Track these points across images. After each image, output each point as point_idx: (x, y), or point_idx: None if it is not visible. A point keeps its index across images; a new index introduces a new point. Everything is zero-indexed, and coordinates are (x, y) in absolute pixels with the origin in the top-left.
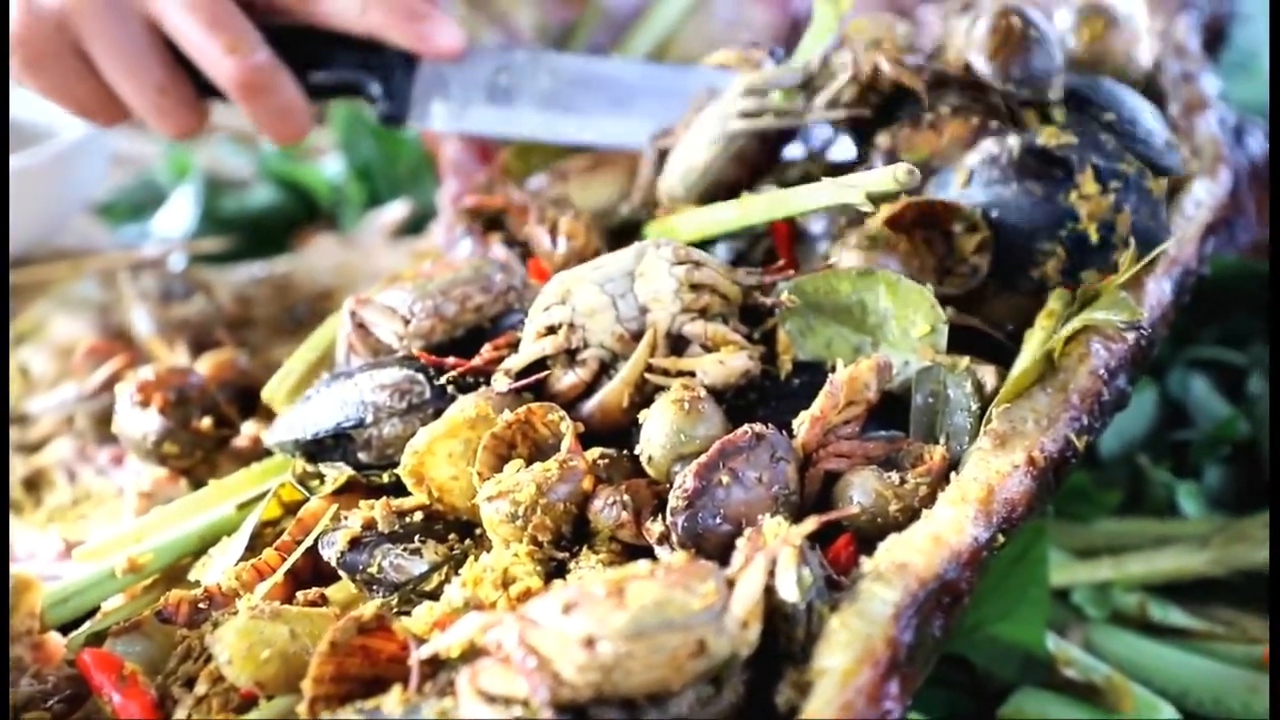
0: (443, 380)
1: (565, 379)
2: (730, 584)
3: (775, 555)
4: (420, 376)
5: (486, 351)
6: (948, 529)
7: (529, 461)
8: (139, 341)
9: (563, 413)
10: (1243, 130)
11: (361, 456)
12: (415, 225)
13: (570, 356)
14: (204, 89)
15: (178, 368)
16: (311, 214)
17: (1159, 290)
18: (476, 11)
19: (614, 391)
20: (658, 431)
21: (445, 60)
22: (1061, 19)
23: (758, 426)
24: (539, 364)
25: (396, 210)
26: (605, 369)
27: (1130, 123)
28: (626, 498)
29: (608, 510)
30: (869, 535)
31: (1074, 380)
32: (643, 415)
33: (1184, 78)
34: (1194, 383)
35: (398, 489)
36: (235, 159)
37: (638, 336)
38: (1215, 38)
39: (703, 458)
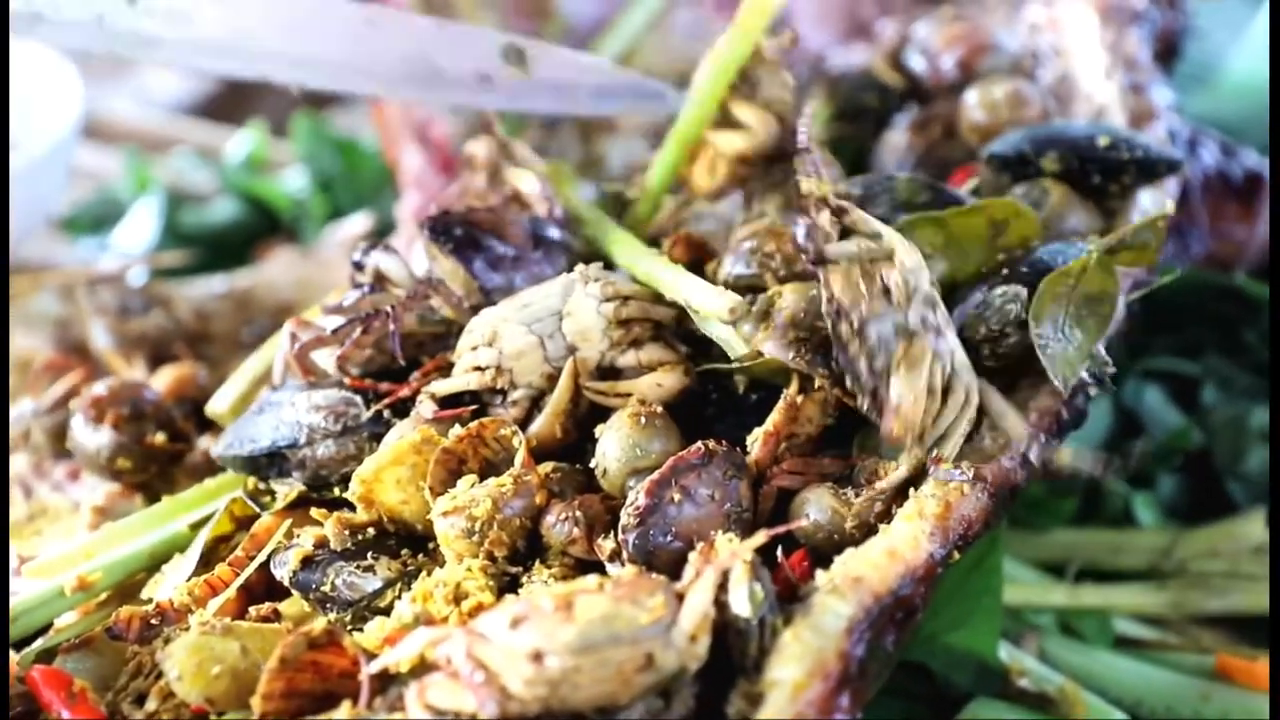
0: (379, 405)
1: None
2: (679, 598)
3: (725, 569)
4: (357, 399)
5: (417, 378)
6: (904, 544)
7: (481, 476)
8: (97, 356)
9: (514, 427)
10: (1196, 142)
11: (296, 475)
12: (377, 238)
13: (502, 395)
14: None
15: (131, 382)
16: (273, 227)
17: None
18: None
19: (544, 425)
20: (613, 446)
21: None
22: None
23: (711, 443)
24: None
25: (357, 223)
26: (536, 403)
27: (1132, 136)
28: (579, 514)
29: (560, 526)
30: (825, 551)
31: (1034, 399)
32: (599, 430)
33: (1133, 89)
34: (1148, 393)
35: (350, 501)
36: (197, 173)
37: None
38: (1167, 50)
39: (655, 475)
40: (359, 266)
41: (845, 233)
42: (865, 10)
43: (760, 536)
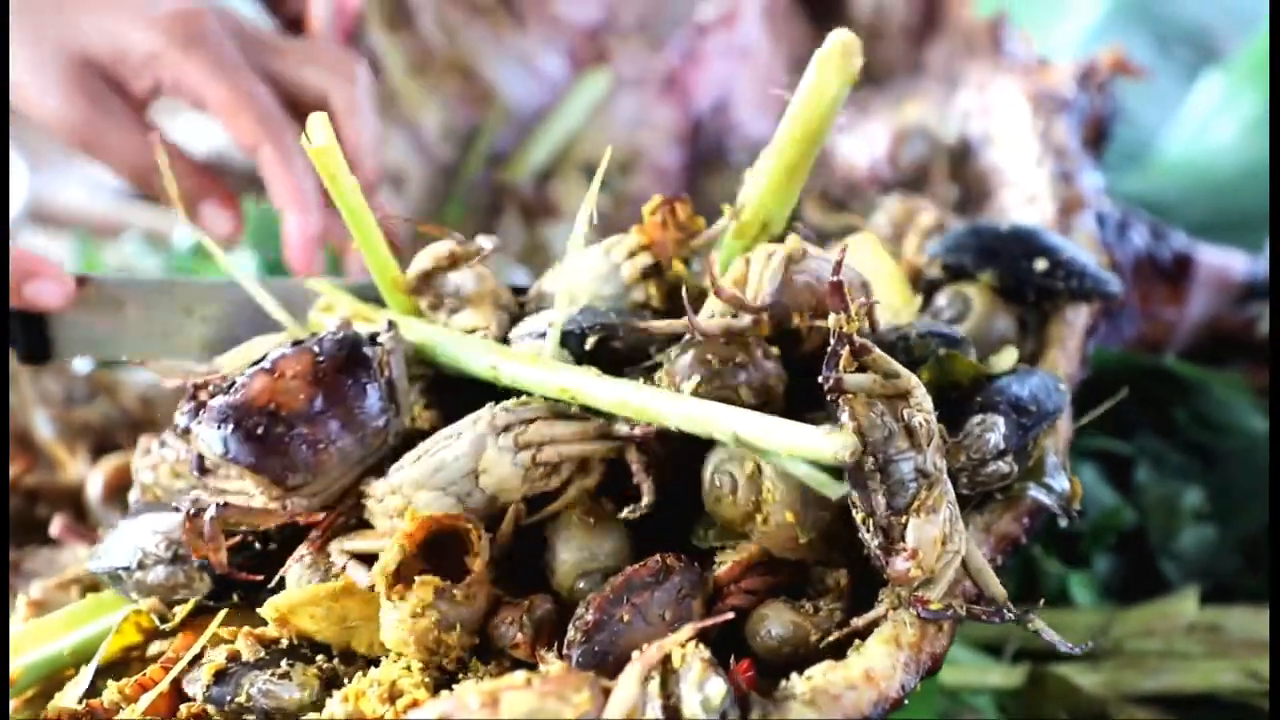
0: (282, 571)
1: None
2: (606, 693)
3: (653, 662)
4: None
5: (317, 536)
6: (881, 670)
7: (437, 572)
8: (40, 445)
9: (481, 529)
10: (1126, 225)
11: (134, 595)
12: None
13: None
14: None
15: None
16: None
17: (1064, 420)
18: (382, 114)
19: (478, 576)
20: (562, 549)
21: (58, 309)
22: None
23: (669, 558)
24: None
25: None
26: None
27: (1071, 260)
28: (526, 619)
29: (505, 630)
30: (789, 664)
31: (996, 524)
32: (548, 528)
33: (1063, 177)
34: (1082, 473)
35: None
36: (146, 258)
37: (500, 512)
38: (1097, 135)
39: (607, 590)
40: (185, 432)
41: (861, 369)
42: None
43: (688, 630)
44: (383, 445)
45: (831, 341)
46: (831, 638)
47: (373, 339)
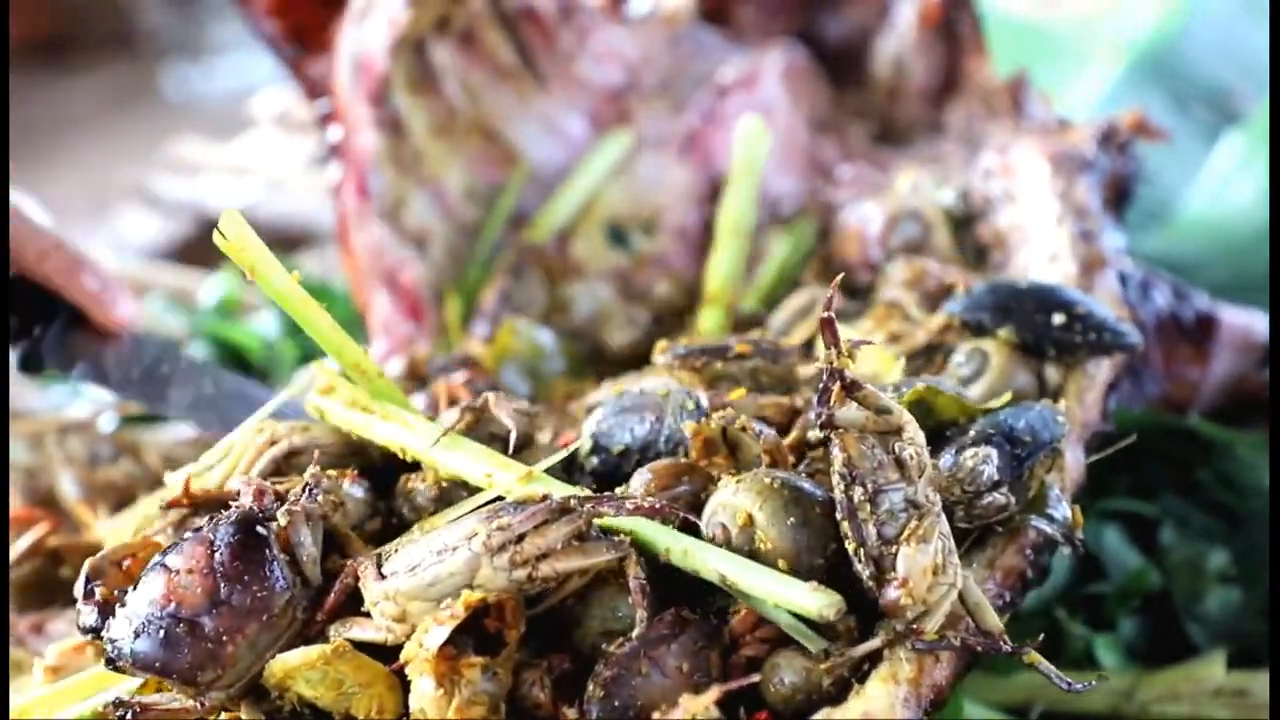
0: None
1: None
2: None
3: None
4: None
5: (323, 615)
6: (880, 708)
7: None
8: (65, 506)
9: (518, 601)
10: (1148, 285)
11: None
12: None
13: None
14: None
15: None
16: (245, 371)
17: (1075, 458)
18: (405, 174)
19: (512, 649)
20: (589, 607)
21: (116, 327)
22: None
23: (685, 612)
24: None
25: (327, 368)
26: None
27: (1089, 314)
28: (548, 680)
29: (529, 690)
30: (802, 711)
31: (1000, 558)
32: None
33: (1084, 236)
34: (1107, 534)
35: None
36: (170, 318)
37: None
38: (1118, 195)
39: (625, 646)
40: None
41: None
42: (826, 154)
43: (714, 692)
44: (292, 621)
45: (823, 378)
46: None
47: (280, 498)
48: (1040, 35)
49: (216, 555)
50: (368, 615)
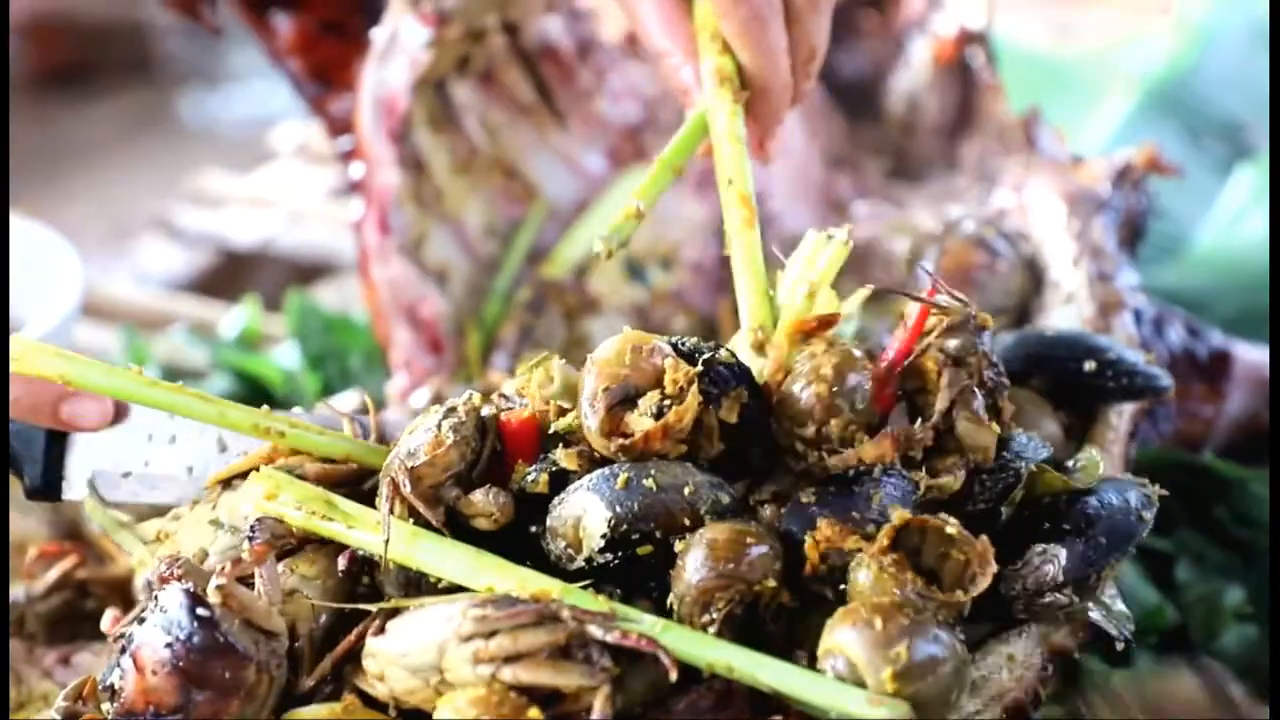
0: None
1: None
2: None
3: None
4: None
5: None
6: None
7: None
8: (91, 538)
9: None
10: (1162, 322)
11: None
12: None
13: None
14: None
15: None
16: (267, 403)
17: None
18: (426, 211)
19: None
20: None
21: (96, 431)
22: None
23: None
24: None
25: (348, 401)
26: None
27: (1119, 360)
28: None
29: None
30: None
31: (1055, 635)
32: None
33: (1100, 277)
34: (1122, 570)
35: None
36: (192, 350)
37: None
38: (1133, 233)
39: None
40: None
41: None
42: (841, 189)
43: None
44: (271, 681)
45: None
46: None
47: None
48: (1054, 68)
49: (176, 649)
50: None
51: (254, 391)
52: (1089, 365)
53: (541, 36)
